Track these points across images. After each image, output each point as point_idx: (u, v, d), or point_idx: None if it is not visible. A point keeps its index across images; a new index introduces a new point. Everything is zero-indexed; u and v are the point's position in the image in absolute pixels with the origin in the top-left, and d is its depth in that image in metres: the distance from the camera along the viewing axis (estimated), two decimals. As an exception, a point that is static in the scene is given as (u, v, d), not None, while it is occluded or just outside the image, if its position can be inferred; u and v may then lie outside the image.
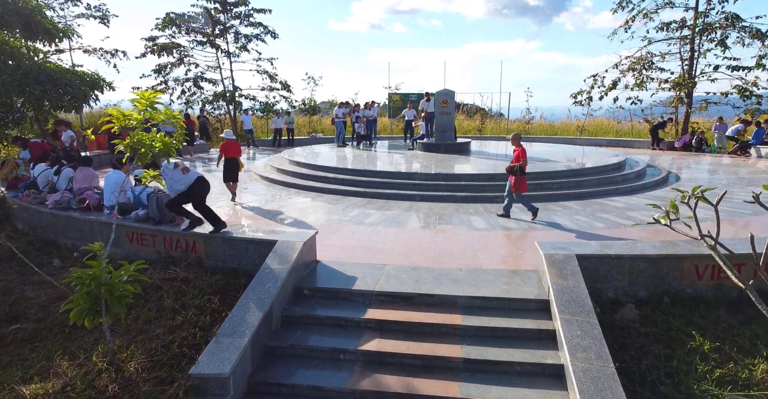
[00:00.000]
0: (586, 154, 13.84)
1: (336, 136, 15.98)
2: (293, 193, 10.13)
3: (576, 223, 7.40)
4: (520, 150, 7.61)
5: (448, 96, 14.03)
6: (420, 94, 26.90)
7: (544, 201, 9.00)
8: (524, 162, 7.55)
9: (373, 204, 9.02)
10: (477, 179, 9.89)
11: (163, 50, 20.90)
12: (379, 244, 6.54)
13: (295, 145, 21.03)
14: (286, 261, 5.07)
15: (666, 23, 17.16)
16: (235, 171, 9.12)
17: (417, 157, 13.04)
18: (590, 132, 24.28)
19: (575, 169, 10.31)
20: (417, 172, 10.14)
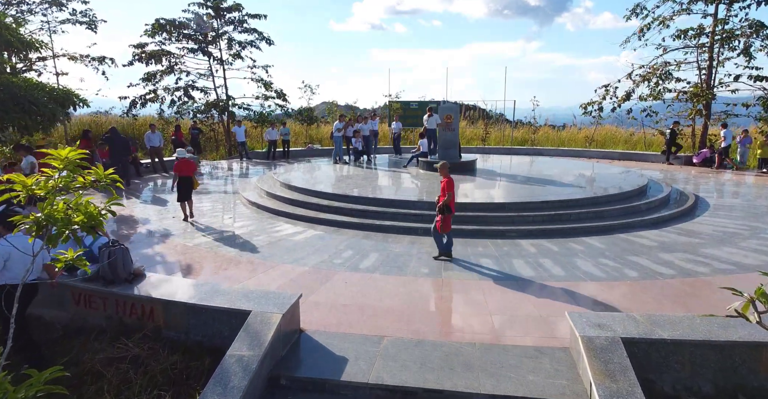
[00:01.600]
0: (602, 173, 12.84)
1: (334, 152, 14.99)
2: (282, 222, 9.15)
3: (604, 270, 6.39)
4: (446, 181, 6.82)
5: (452, 110, 13.05)
6: (421, 102, 25.99)
7: (562, 235, 8.00)
8: (449, 197, 6.76)
9: (371, 239, 8.03)
10: (485, 209, 8.89)
11: (152, 58, 19.94)
12: (376, 300, 5.54)
13: (290, 158, 20.10)
14: (260, 343, 4.07)
15: (683, 30, 16.18)
16: (189, 190, 9.03)
17: (418, 178, 12.05)
18: (600, 142, 23.28)
19: (595, 197, 9.30)
20: (419, 201, 9.15)
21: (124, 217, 9.40)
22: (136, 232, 8.40)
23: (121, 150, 12.54)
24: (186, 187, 8.96)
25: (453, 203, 6.88)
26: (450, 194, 6.78)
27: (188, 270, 6.45)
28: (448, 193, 6.77)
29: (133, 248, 7.36)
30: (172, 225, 8.84)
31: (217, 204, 10.75)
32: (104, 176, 3.27)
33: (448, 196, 6.75)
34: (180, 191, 8.96)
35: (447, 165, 7.10)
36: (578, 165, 15.31)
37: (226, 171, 16.54)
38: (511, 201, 9.00)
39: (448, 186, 6.81)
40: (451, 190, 6.81)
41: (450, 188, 6.80)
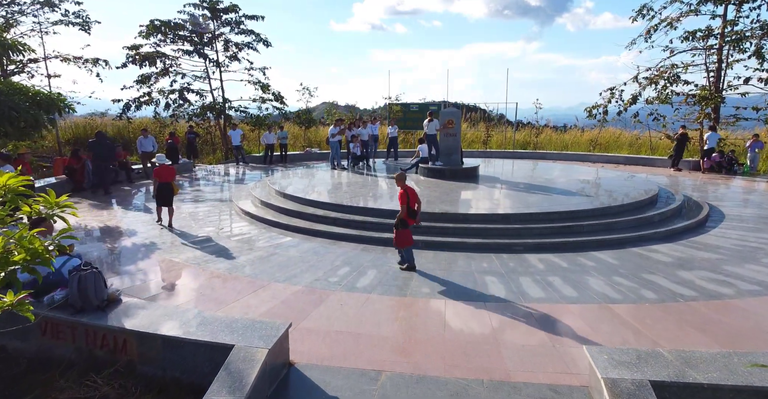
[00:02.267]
0: (609, 180, 12.38)
1: (331, 157, 14.54)
2: (277, 233, 8.70)
3: (619, 290, 5.94)
4: (401, 193, 6.59)
5: (454, 115, 12.60)
6: (422, 104, 25.53)
7: (572, 249, 7.55)
8: (403, 210, 6.55)
9: (369, 253, 7.58)
10: (489, 220, 8.43)
11: (146, 60, 19.50)
12: (374, 327, 5.08)
13: (288, 162, 19.66)
14: (242, 385, 3.61)
15: (691, 32, 15.73)
16: (169, 196, 9.00)
17: (419, 186, 11.59)
18: (604, 146, 22.84)
19: (605, 208, 8.84)
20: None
21: (109, 229, 8.94)
22: (119, 245, 7.94)
23: (106, 155, 12.06)
24: (166, 193, 8.96)
25: (410, 215, 6.61)
26: (404, 208, 6.52)
27: (171, 291, 6.00)
28: (402, 206, 6.49)
29: (115, 265, 6.93)
30: (160, 237, 8.38)
31: (210, 213, 10.30)
32: (55, 204, 2.83)
33: (402, 209, 6.50)
34: (160, 197, 8.98)
35: (404, 176, 6.82)
36: (583, 171, 14.86)
37: (221, 176, 16.11)
38: (516, 212, 8.54)
39: (402, 198, 6.53)
40: (407, 202, 6.54)
41: (405, 200, 6.52)
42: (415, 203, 6.65)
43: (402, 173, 6.87)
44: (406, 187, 6.62)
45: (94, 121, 28.58)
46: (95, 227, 9.05)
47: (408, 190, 6.60)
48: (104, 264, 6.98)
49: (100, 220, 9.50)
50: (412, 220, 6.69)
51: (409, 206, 6.58)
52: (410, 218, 6.66)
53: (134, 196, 12.46)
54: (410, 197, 6.59)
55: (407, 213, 6.60)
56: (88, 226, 9.10)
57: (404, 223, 6.59)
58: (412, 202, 6.59)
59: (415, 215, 6.69)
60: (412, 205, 6.61)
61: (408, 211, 6.59)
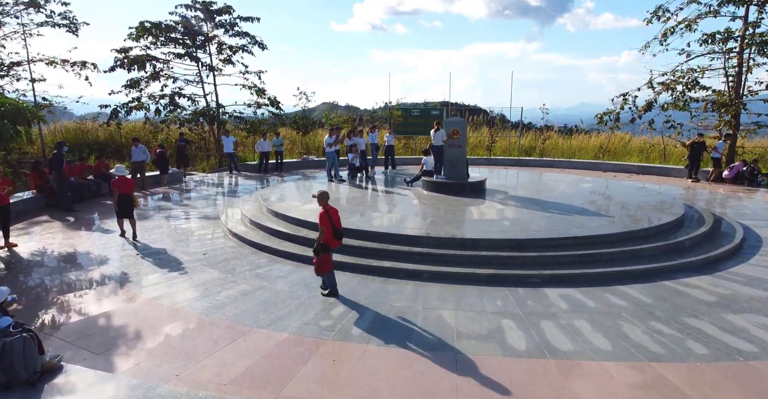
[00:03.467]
0: (626, 194, 11.49)
1: (327, 168, 13.67)
2: (265, 260, 7.83)
3: (660, 341, 5.04)
4: (321, 213, 6.16)
5: (459, 126, 11.72)
6: (423, 109, 24.64)
7: (595, 283, 6.68)
8: (322, 232, 6.09)
9: (367, 285, 6.71)
10: (500, 247, 7.56)
11: (135, 64, 18.64)
12: (371, 395, 4.21)
13: (284, 170, 18.80)
14: None
15: (709, 35, 14.85)
16: (130, 208, 8.97)
17: (422, 202, 10.72)
18: (614, 153, 21.96)
19: (629, 232, 7.96)
20: (423, 236, 7.81)
21: (77, 255, 8.03)
22: (84, 277, 7.03)
23: (55, 168, 11.05)
24: (126, 205, 8.91)
25: (335, 237, 6.19)
26: (323, 230, 6.09)
27: (133, 344, 5.09)
28: (321, 227, 6.10)
29: (72, 306, 6.02)
30: (133, 265, 7.50)
31: (195, 233, 9.42)
32: None
33: (321, 232, 6.09)
34: (120, 209, 8.92)
35: (325, 195, 6.33)
36: (596, 182, 13.98)
37: (212, 187, 15.24)
38: (530, 237, 7.66)
39: (323, 220, 6.11)
40: (331, 223, 6.12)
41: (326, 222, 6.10)
42: (340, 224, 6.31)
43: (323, 192, 6.37)
44: (327, 207, 6.22)
45: (85, 125, 27.76)
46: (61, 253, 8.15)
47: (330, 211, 6.22)
48: (61, 305, 6.10)
49: (69, 244, 8.62)
50: (336, 242, 6.32)
51: (334, 227, 6.18)
52: (335, 240, 6.27)
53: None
54: (332, 219, 6.17)
55: (332, 235, 6.17)
56: (54, 251, 8.22)
57: (325, 248, 6.16)
58: (336, 223, 6.21)
59: (341, 236, 6.34)
60: (338, 226, 6.26)
61: (333, 232, 6.18)
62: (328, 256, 6.24)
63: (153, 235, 9.29)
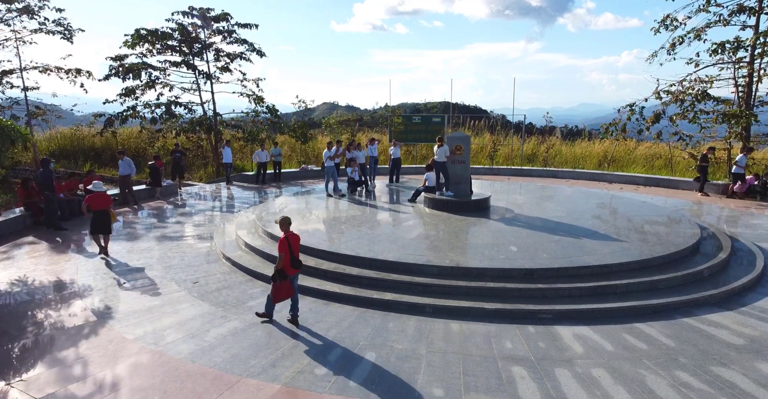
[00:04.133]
0: (635, 211, 11.04)
1: (326, 183, 13.24)
2: (260, 289, 7.41)
3: (689, 397, 4.61)
4: (281, 240, 6.03)
5: (462, 141, 11.31)
6: (424, 116, 24.22)
7: (610, 319, 6.25)
8: (281, 259, 5.96)
9: (367, 322, 6.27)
10: (508, 276, 7.13)
11: (130, 72, 18.24)
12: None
13: (282, 181, 18.39)
14: None
15: (719, 44, 14.44)
16: (106, 223, 8.88)
17: (425, 222, 10.30)
18: (618, 162, 21.54)
19: (645, 260, 7.52)
20: (426, 265, 7.38)
21: (57, 285, 7.55)
22: (63, 313, 6.53)
23: (45, 185, 10.59)
24: (102, 222, 8.83)
25: (293, 265, 6.06)
26: (281, 256, 5.97)
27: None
28: (280, 254, 5.98)
29: (44, 349, 5.55)
30: (118, 297, 7.06)
31: (186, 257, 8.98)
32: None
33: (280, 258, 5.97)
34: (95, 225, 8.83)
35: (287, 221, 6.17)
36: (603, 196, 13.56)
37: (207, 200, 14.78)
38: (540, 266, 7.23)
39: (282, 246, 5.99)
40: (290, 250, 6.01)
41: (285, 248, 5.98)
42: (298, 250, 6.20)
43: (286, 217, 6.22)
44: (288, 233, 6.09)
45: (81, 132, 27.35)
46: (42, 283, 7.66)
47: (290, 237, 6.10)
48: (28, 350, 5.65)
49: (52, 271, 8.17)
50: (293, 270, 6.14)
51: (292, 255, 6.05)
52: (293, 268, 6.11)
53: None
54: (292, 246, 6.06)
55: (289, 262, 6.03)
56: (35, 280, 7.76)
57: (282, 275, 6.02)
58: (295, 250, 6.10)
59: (299, 265, 6.18)
60: (297, 254, 6.14)
61: (291, 259, 6.05)
62: (286, 282, 6.08)
63: (142, 258, 8.86)
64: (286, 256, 5.99)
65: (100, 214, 8.78)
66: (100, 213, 8.79)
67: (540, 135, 29.03)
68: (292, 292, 6.17)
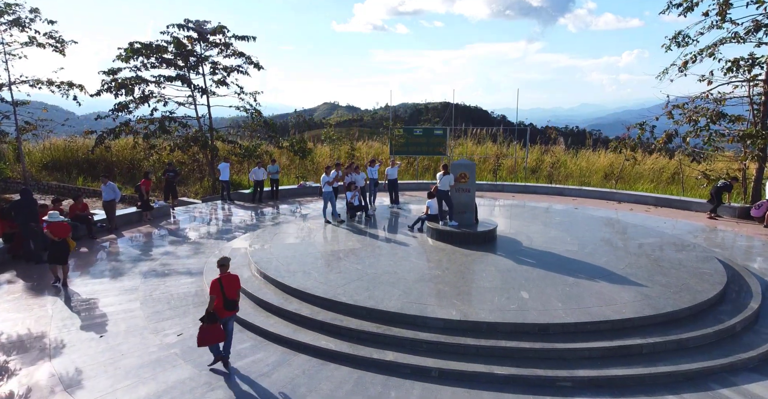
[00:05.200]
0: (650, 240, 10.39)
1: (323, 209, 12.61)
2: (249, 342, 6.80)
3: None
4: (213, 282, 5.86)
5: (468, 169, 10.70)
6: (426, 128, 23.63)
7: (638, 391, 5.62)
8: (212, 301, 5.78)
9: (366, 394, 5.61)
10: (521, 332, 6.51)
11: (123, 88, 17.66)
12: None
13: (279, 198, 17.78)
14: None
15: (733, 62, 13.85)
16: (64, 253, 8.80)
17: (426, 258, 9.66)
18: (626, 177, 20.93)
19: (671, 312, 6.88)
20: (430, 317, 6.75)
21: (29, 341, 6.84)
22: (24, 382, 5.85)
23: (29, 216, 9.98)
24: (59, 252, 8.74)
25: (226, 307, 5.88)
26: (212, 298, 5.79)
27: None
28: (211, 295, 5.80)
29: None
30: (91, 358, 6.36)
31: (172, 299, 8.33)
32: None
33: (211, 300, 5.79)
34: (52, 255, 8.74)
35: (224, 261, 6.04)
36: (616, 224, 12.93)
37: (202, 223, 14.11)
38: (556, 321, 6.60)
39: (214, 288, 5.82)
40: (222, 292, 5.80)
41: (217, 291, 5.80)
42: (234, 294, 5.99)
43: (224, 258, 6.11)
44: (224, 274, 5.94)
45: (75, 143, 26.76)
46: (10, 338, 6.93)
47: (224, 278, 5.90)
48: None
49: (23, 320, 7.47)
50: (227, 313, 5.96)
51: (225, 297, 5.86)
52: (227, 310, 5.94)
53: (93, 263, 10.46)
54: (224, 287, 5.85)
55: (222, 305, 5.85)
56: (1, 334, 7.09)
57: (212, 318, 5.80)
58: (228, 293, 5.89)
59: (234, 307, 6.02)
60: (230, 296, 5.92)
61: (224, 302, 5.86)
62: (216, 326, 5.85)
63: (125, 301, 8.22)
64: (218, 298, 5.82)
65: (57, 245, 8.66)
66: (59, 243, 8.67)
67: (544, 144, 28.44)
68: (223, 337, 5.95)
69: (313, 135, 38.80)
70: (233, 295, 5.96)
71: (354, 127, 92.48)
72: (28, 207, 10.01)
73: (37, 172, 25.95)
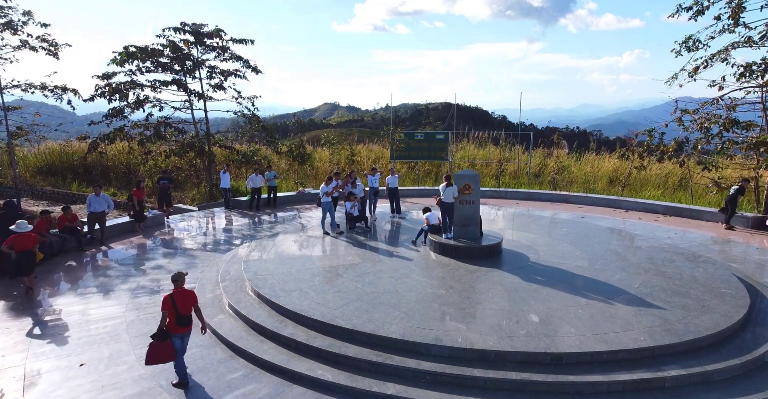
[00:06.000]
0: (663, 255, 9.90)
1: (321, 220, 12.16)
2: (240, 377, 6.28)
3: None
4: (166, 297, 5.72)
5: (472, 180, 10.24)
6: (427, 133, 23.17)
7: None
8: (164, 317, 5.67)
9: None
10: (533, 362, 6.05)
11: (117, 93, 17.22)
12: None
13: (277, 206, 17.33)
14: None
15: (746, 66, 13.39)
16: (30, 265, 8.63)
17: (428, 275, 9.21)
18: (633, 185, 20.46)
19: (692, 340, 6.40)
20: (434, 345, 6.29)
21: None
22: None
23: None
24: (26, 264, 8.55)
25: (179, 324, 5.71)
26: (165, 315, 5.66)
27: None
28: (163, 312, 5.67)
29: None
30: (70, 387, 5.94)
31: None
32: None
33: (163, 316, 5.66)
34: (17, 268, 8.56)
35: (180, 276, 5.86)
36: (626, 236, 12.47)
37: (196, 233, 13.61)
38: (569, 349, 6.14)
39: (166, 304, 5.69)
40: (175, 309, 5.65)
41: (169, 306, 5.65)
42: (188, 310, 5.81)
43: (178, 273, 5.91)
44: (177, 289, 5.80)
45: (71, 147, 26.34)
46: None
47: (176, 295, 5.75)
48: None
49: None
50: (179, 329, 5.75)
51: (178, 313, 5.70)
52: (180, 327, 5.74)
53: (80, 279, 9.97)
54: (177, 303, 5.69)
55: (175, 321, 5.68)
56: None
57: (163, 335, 5.65)
58: (182, 309, 5.72)
59: (188, 323, 5.81)
60: (183, 312, 5.74)
61: (177, 318, 5.69)
62: (167, 344, 5.66)
63: (110, 324, 7.72)
64: (170, 315, 5.67)
65: (23, 256, 8.48)
66: (24, 254, 8.49)
67: (546, 147, 27.96)
68: (174, 357, 5.74)
69: (313, 135, 38.41)
70: (187, 311, 5.80)
71: (354, 127, 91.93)
72: (12, 220, 9.55)
73: (32, 177, 25.54)
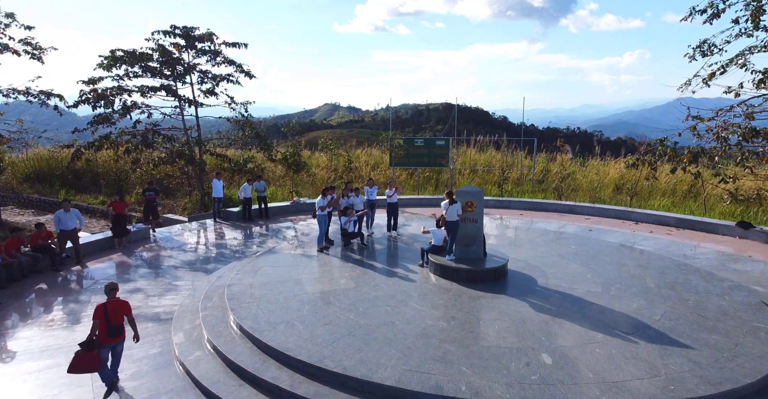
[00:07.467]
0: (684, 280, 9.12)
1: (319, 237, 11.36)
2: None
3: None
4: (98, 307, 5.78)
5: (475, 197, 9.48)
6: (428, 139, 22.39)
7: None
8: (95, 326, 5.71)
9: None
10: (551, 418, 5.27)
11: (102, 99, 16.46)
12: None
13: (270, 217, 16.56)
14: None
15: (764, 71, 12.62)
16: None
17: (428, 304, 8.43)
18: (641, 193, 19.68)
19: (731, 391, 5.63)
20: (435, 395, 5.52)
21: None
22: None
23: None
24: None
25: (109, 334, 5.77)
26: (95, 324, 5.70)
27: None
28: (94, 321, 5.73)
29: None
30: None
31: (133, 357, 7.04)
32: None
33: (94, 325, 5.70)
34: None
35: (115, 285, 6.02)
36: (640, 256, 11.70)
37: (182, 250, 12.78)
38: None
39: (97, 314, 5.73)
40: (106, 319, 5.73)
41: (101, 316, 5.71)
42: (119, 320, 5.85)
43: (112, 283, 6.06)
44: (111, 299, 5.87)
45: (60, 153, 25.57)
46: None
47: (108, 305, 5.80)
48: None
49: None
50: (108, 340, 5.78)
51: (110, 323, 5.75)
52: (110, 337, 5.78)
53: (48, 305, 9.19)
54: (109, 312, 5.74)
55: (105, 331, 5.72)
56: None
57: (91, 345, 5.60)
58: (113, 319, 5.76)
59: (118, 334, 5.86)
60: (115, 322, 5.78)
61: (108, 329, 5.74)
62: (93, 354, 5.58)
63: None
64: (100, 324, 5.70)
65: None
66: None
67: (549, 152, 27.19)
68: (98, 367, 5.66)
69: (314, 136, 37.64)
70: (118, 321, 5.84)
71: (355, 128, 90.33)
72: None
73: (19, 184, 24.80)
